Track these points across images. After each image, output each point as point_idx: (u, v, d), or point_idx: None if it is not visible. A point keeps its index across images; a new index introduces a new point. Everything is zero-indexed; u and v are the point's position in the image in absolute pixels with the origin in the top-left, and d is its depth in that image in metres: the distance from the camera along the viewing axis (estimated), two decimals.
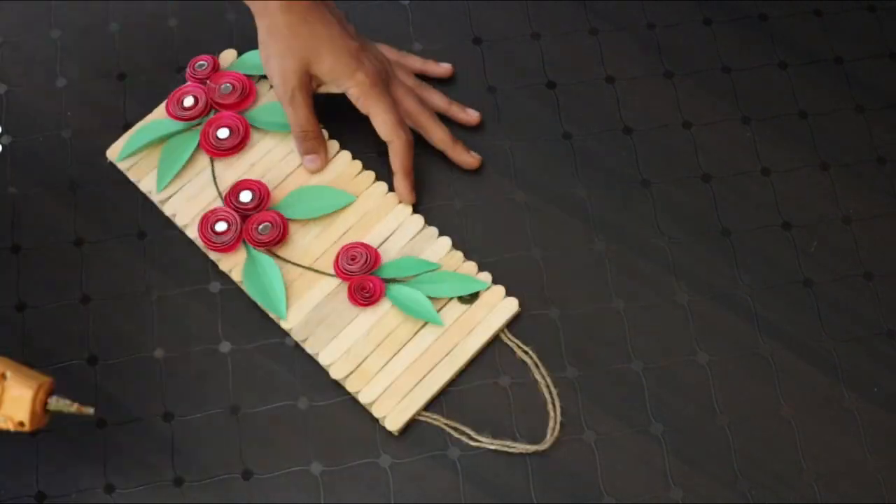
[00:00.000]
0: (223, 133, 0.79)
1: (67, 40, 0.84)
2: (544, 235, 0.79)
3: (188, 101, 0.79)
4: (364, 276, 0.75)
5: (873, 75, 0.86)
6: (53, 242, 0.77)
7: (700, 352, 0.76)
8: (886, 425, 0.75)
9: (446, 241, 0.77)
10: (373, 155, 0.80)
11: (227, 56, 0.83)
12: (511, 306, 0.75)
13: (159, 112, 0.80)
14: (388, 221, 0.77)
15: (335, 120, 0.80)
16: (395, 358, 0.73)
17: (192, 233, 0.77)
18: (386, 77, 0.78)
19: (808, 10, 0.88)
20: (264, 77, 0.81)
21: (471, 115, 0.81)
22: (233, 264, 0.76)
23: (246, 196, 0.77)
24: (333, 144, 0.80)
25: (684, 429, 0.74)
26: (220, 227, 0.76)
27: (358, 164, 0.79)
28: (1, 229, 0.77)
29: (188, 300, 0.76)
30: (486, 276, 0.76)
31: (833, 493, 0.73)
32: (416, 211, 0.79)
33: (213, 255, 0.76)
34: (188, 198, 0.77)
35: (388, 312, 0.74)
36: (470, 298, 0.75)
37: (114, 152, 0.79)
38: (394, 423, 0.72)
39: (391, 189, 0.79)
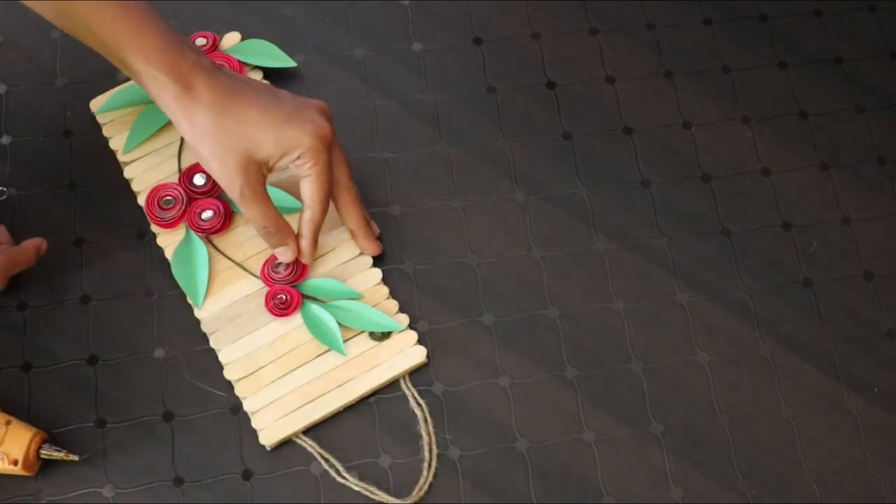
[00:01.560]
0: None
1: (67, 40, 0.84)
2: (544, 235, 0.79)
3: None
4: (285, 287, 0.75)
5: (873, 75, 0.86)
6: (53, 242, 0.77)
7: (700, 352, 0.76)
8: (886, 425, 0.75)
9: (376, 274, 0.76)
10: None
11: (230, 38, 0.83)
12: (418, 355, 0.74)
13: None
14: (329, 239, 0.77)
15: None
16: (290, 374, 0.73)
17: (142, 200, 0.78)
18: (328, 139, 0.71)
19: (808, 10, 0.88)
20: (258, 68, 0.82)
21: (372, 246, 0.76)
22: (169, 242, 0.76)
23: (200, 179, 0.77)
24: None
25: (684, 429, 0.74)
26: (167, 202, 0.77)
27: None
28: None
29: (187, 300, 0.76)
30: (403, 319, 0.75)
31: (833, 493, 0.73)
32: (414, 211, 0.79)
33: (154, 228, 0.77)
34: (150, 166, 0.79)
35: (297, 328, 0.74)
36: (381, 336, 0.74)
37: (97, 104, 0.81)
38: (268, 438, 0.71)
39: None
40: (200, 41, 0.82)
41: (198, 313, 0.75)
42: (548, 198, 0.80)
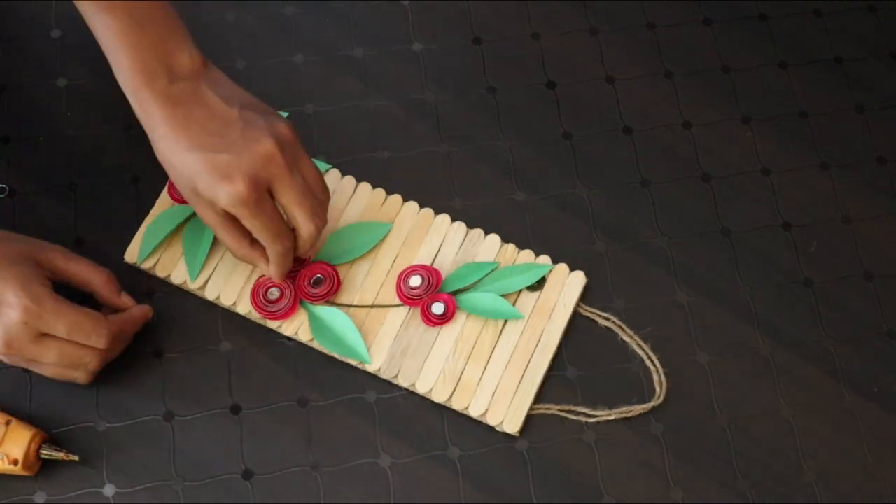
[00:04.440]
0: None
1: (67, 40, 0.84)
2: (544, 236, 0.79)
3: None
4: (431, 296, 0.74)
5: (873, 75, 0.86)
6: (53, 242, 0.77)
7: (700, 352, 0.76)
8: (886, 425, 0.75)
9: (495, 239, 0.77)
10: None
11: None
12: (579, 280, 0.76)
13: (164, 201, 0.78)
14: (432, 237, 0.77)
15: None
16: (489, 363, 0.74)
17: (244, 308, 0.75)
18: (243, 199, 0.66)
19: (808, 10, 0.88)
20: None
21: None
22: (297, 326, 0.74)
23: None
24: (349, 180, 0.79)
25: (684, 429, 0.74)
26: (274, 294, 0.74)
27: (381, 192, 0.79)
28: (1, 229, 0.77)
29: (188, 300, 0.76)
30: (545, 259, 0.77)
31: (833, 493, 0.73)
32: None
33: (273, 324, 0.74)
34: (226, 277, 0.75)
35: (467, 322, 0.75)
36: (538, 285, 0.76)
37: (132, 255, 0.76)
38: (512, 426, 0.72)
39: (422, 206, 0.78)
40: None
41: (370, 368, 0.74)
42: (548, 198, 0.80)
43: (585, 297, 0.77)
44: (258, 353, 0.75)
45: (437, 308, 0.74)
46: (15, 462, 0.68)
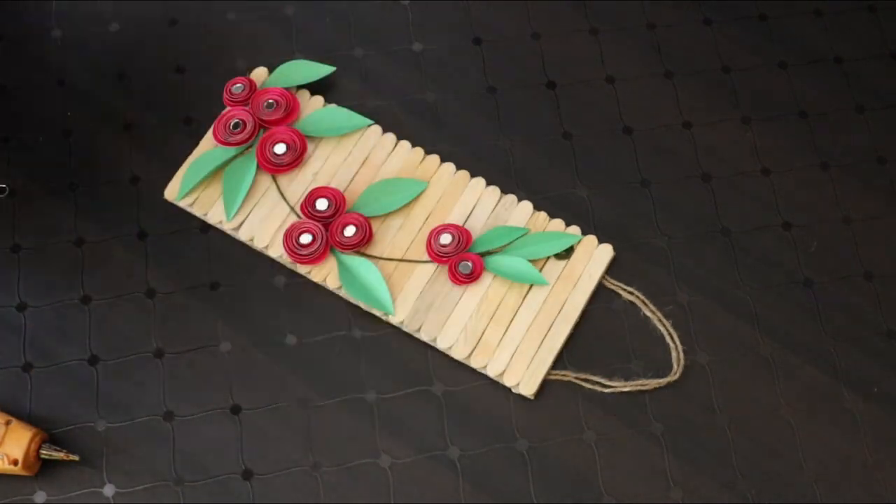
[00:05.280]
0: (280, 149, 0.78)
1: (67, 40, 0.84)
2: None
3: (236, 126, 0.79)
4: (460, 255, 0.75)
5: (873, 75, 0.86)
6: (53, 242, 0.77)
7: (700, 352, 0.76)
8: (886, 425, 0.75)
9: (528, 205, 0.78)
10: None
11: (260, 73, 0.82)
12: (607, 252, 0.77)
13: (208, 142, 0.79)
14: (466, 198, 0.78)
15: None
16: (511, 326, 0.75)
17: (276, 251, 0.76)
18: None
19: (808, 10, 0.88)
20: (302, 87, 0.82)
21: None
22: (325, 273, 0.76)
23: (322, 204, 0.76)
24: (390, 137, 0.80)
25: (684, 429, 0.74)
26: (306, 239, 0.75)
27: (419, 150, 0.80)
28: (1, 229, 0.78)
29: (188, 299, 0.76)
30: (575, 230, 0.77)
31: (833, 493, 0.73)
32: None
33: (302, 269, 0.76)
34: (261, 219, 0.77)
35: (492, 284, 0.76)
36: (566, 254, 0.77)
37: (172, 193, 0.78)
38: (528, 388, 0.73)
39: (459, 168, 0.79)
40: (238, 87, 0.80)
41: (394, 319, 0.75)
42: (548, 198, 0.80)
43: (611, 271, 0.77)
44: (258, 353, 0.75)
45: (465, 267, 0.75)
46: (15, 462, 0.68)
